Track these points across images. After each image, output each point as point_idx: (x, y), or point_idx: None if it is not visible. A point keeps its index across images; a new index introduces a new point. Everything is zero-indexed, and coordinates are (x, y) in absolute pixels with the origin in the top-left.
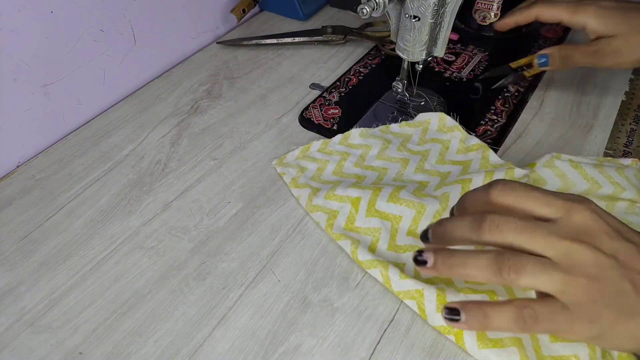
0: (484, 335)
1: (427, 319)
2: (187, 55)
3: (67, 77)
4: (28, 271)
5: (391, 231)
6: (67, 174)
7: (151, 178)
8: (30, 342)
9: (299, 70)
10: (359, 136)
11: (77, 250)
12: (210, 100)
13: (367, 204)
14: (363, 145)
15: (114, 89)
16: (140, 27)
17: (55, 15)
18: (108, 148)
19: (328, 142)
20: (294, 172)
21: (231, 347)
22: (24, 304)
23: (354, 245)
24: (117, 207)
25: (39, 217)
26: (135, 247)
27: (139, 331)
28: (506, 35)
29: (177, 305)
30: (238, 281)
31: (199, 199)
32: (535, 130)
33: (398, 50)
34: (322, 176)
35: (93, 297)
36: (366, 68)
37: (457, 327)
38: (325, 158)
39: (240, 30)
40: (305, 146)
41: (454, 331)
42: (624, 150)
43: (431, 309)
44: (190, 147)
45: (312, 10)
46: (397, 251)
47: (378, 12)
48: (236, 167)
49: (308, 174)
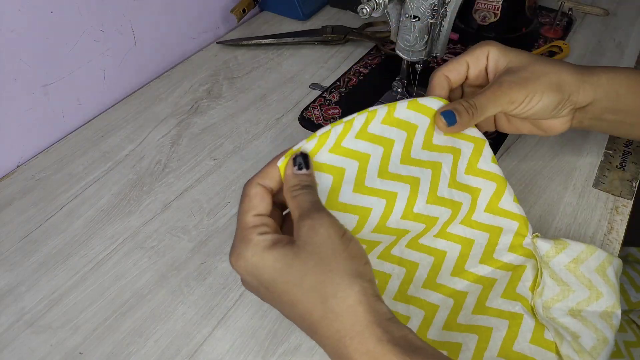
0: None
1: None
2: (187, 55)
3: (67, 77)
4: (28, 271)
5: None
6: (67, 174)
7: (151, 178)
8: (30, 342)
9: (299, 70)
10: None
11: (77, 250)
12: (210, 100)
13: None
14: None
15: (114, 89)
16: (140, 27)
17: (55, 15)
18: (108, 148)
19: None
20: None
21: (231, 347)
22: (24, 304)
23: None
24: (117, 207)
25: (39, 217)
26: (135, 247)
27: (139, 331)
28: (506, 35)
29: (177, 305)
30: (238, 281)
31: (199, 199)
32: None
33: (398, 50)
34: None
35: (93, 297)
36: (366, 68)
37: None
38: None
39: (240, 30)
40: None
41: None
42: (624, 150)
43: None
44: (190, 147)
45: (312, 10)
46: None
47: (378, 12)
48: (236, 167)
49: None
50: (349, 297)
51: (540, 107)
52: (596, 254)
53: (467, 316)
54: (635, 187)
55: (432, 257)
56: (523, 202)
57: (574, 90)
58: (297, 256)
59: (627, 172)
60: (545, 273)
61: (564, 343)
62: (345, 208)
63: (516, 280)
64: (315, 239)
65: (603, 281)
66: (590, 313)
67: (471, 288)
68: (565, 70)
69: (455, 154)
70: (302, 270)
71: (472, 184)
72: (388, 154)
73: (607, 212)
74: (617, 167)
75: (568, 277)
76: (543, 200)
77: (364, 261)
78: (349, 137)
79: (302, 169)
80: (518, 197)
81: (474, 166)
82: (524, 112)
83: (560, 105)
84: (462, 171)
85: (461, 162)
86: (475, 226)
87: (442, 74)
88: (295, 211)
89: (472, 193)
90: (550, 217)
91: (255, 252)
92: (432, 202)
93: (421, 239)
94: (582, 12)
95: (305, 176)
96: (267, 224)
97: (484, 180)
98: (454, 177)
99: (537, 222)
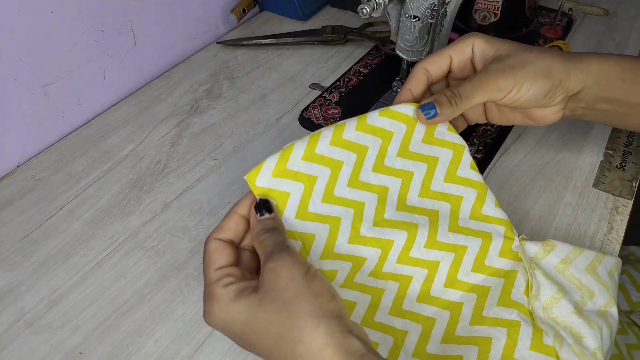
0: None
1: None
2: (187, 55)
3: (67, 77)
4: (28, 271)
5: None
6: (67, 174)
7: (151, 178)
8: (30, 342)
9: (299, 70)
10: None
11: (77, 250)
12: (210, 100)
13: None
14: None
15: (114, 89)
16: (140, 27)
17: (55, 15)
18: (108, 148)
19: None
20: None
21: (231, 347)
22: (24, 304)
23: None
24: (117, 207)
25: (39, 217)
26: (136, 247)
27: (139, 331)
28: (506, 35)
29: (177, 305)
30: None
31: (199, 199)
32: (535, 130)
33: (398, 50)
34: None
35: (93, 297)
36: (366, 68)
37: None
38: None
39: (240, 30)
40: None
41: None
42: (624, 150)
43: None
44: (190, 147)
45: (312, 10)
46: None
47: (378, 12)
48: (236, 167)
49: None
50: (316, 342)
51: (531, 94)
52: (584, 253)
53: (465, 328)
54: (635, 187)
55: (426, 269)
56: (523, 202)
57: (565, 77)
58: (261, 304)
59: (627, 172)
60: (537, 273)
61: (564, 347)
62: (316, 218)
63: (510, 287)
64: (277, 283)
65: (594, 279)
66: (590, 312)
67: (466, 298)
68: (554, 56)
69: (431, 163)
70: (267, 319)
71: (453, 192)
72: (361, 161)
73: (607, 212)
74: (617, 167)
75: (558, 278)
76: (543, 200)
77: (329, 297)
78: (322, 145)
79: (264, 214)
80: (518, 197)
81: (454, 174)
82: (514, 100)
83: (551, 92)
84: (441, 180)
85: (439, 170)
86: (467, 232)
87: (422, 67)
88: (261, 256)
89: (452, 201)
90: (550, 217)
91: (221, 308)
92: (401, 209)
93: (411, 251)
94: (582, 12)
95: (270, 220)
96: (230, 273)
97: (465, 187)
98: (427, 187)
99: (537, 222)
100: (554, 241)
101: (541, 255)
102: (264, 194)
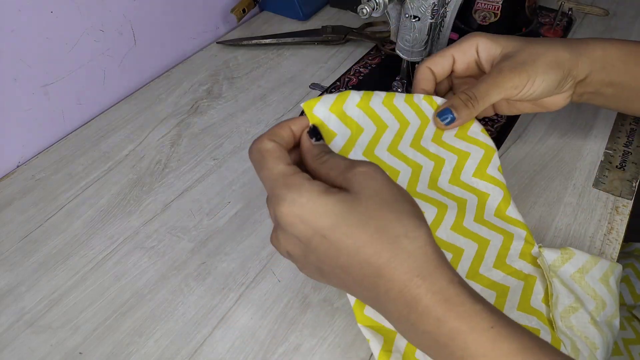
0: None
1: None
2: (187, 55)
3: (67, 77)
4: (28, 271)
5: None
6: (67, 174)
7: (151, 178)
8: (30, 342)
9: (299, 70)
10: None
11: (77, 250)
12: (210, 100)
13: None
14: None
15: (114, 89)
16: (140, 27)
17: (55, 15)
18: (108, 148)
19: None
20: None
21: (231, 347)
22: (24, 304)
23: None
24: (117, 207)
25: (39, 217)
26: (135, 247)
27: (139, 331)
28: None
29: (177, 305)
30: (238, 281)
31: (199, 199)
32: (535, 130)
33: (398, 50)
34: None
35: (93, 297)
36: (366, 68)
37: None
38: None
39: (240, 30)
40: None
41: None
42: (624, 150)
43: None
44: (190, 147)
45: (312, 10)
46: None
47: (378, 12)
48: (236, 167)
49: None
50: (419, 238)
51: (545, 86)
52: (600, 263)
53: None
54: (635, 187)
55: (451, 253)
56: (523, 202)
57: (573, 65)
58: (357, 200)
59: (627, 172)
60: (556, 282)
61: (580, 359)
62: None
63: (529, 292)
64: (373, 184)
65: (607, 290)
66: (602, 323)
67: (484, 294)
68: (560, 46)
69: (462, 156)
70: (366, 213)
71: (480, 188)
72: (402, 132)
73: (607, 212)
74: (617, 167)
75: (574, 288)
76: (543, 200)
77: (419, 208)
78: (374, 100)
79: (319, 140)
80: (518, 197)
81: (483, 171)
82: (528, 94)
83: (562, 81)
84: (470, 174)
85: (469, 165)
86: (490, 227)
87: (426, 67)
88: (332, 172)
89: (480, 196)
90: (550, 217)
91: (311, 197)
92: (432, 188)
93: (438, 230)
94: (582, 12)
95: (324, 145)
96: (304, 171)
97: (493, 186)
98: (457, 176)
99: (537, 222)
100: (573, 249)
101: (559, 263)
102: (317, 124)
